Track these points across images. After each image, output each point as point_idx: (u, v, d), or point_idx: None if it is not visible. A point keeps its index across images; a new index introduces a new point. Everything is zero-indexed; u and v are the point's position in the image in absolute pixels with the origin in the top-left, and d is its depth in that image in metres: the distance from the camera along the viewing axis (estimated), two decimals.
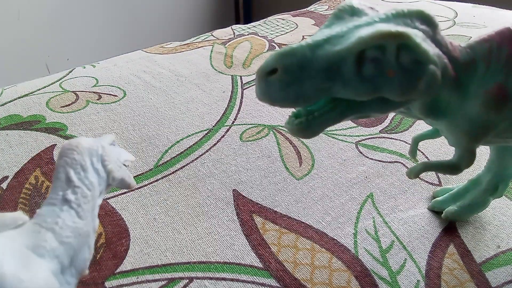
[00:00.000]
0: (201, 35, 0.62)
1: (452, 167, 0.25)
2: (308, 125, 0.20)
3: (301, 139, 0.21)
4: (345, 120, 0.21)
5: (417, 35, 0.20)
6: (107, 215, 0.32)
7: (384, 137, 0.41)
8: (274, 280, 0.28)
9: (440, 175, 0.37)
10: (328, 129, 0.42)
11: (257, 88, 0.20)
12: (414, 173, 0.26)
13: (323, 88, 0.19)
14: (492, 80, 0.22)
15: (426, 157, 0.39)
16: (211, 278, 0.28)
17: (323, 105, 0.21)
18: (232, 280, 0.28)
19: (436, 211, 0.33)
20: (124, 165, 0.22)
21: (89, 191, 0.20)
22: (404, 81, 0.19)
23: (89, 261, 0.19)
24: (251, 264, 0.29)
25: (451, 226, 0.32)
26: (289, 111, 0.45)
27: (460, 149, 0.24)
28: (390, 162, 0.38)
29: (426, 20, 0.21)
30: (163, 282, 0.28)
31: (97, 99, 0.46)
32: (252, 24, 0.66)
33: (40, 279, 0.16)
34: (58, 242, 0.18)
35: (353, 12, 0.21)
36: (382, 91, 0.19)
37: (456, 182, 0.36)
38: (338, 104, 0.20)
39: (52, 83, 0.49)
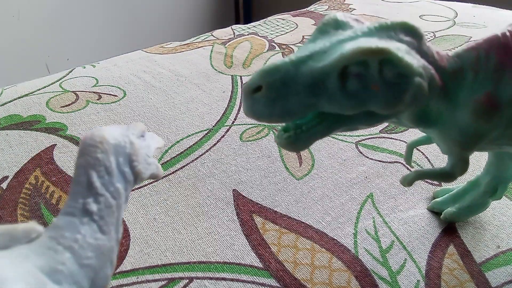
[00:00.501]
0: (201, 35, 0.62)
1: (445, 176, 0.25)
2: (296, 139, 0.20)
3: (291, 151, 0.21)
4: (333, 133, 0.21)
5: (400, 48, 0.20)
6: None
7: (384, 137, 0.41)
8: (274, 280, 0.28)
9: None
10: None
11: (243, 105, 0.20)
12: (407, 181, 0.26)
13: (309, 104, 0.19)
14: (481, 88, 0.22)
15: (426, 157, 0.39)
16: (211, 278, 0.28)
17: (311, 119, 0.21)
18: (232, 280, 0.28)
19: (436, 212, 0.33)
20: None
21: (114, 200, 0.17)
22: (389, 95, 0.19)
23: (111, 276, 0.17)
24: (251, 264, 0.29)
25: (451, 226, 0.32)
26: None
27: (452, 157, 0.24)
28: (390, 162, 0.38)
29: (410, 32, 0.21)
30: (163, 282, 0.28)
31: (97, 99, 0.46)
32: (252, 24, 0.66)
33: None
34: (78, 265, 0.15)
35: (338, 25, 0.21)
36: (367, 105, 0.19)
37: (456, 182, 0.36)
38: (325, 118, 0.20)
39: (52, 83, 0.49)
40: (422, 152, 0.39)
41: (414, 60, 0.20)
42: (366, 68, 0.19)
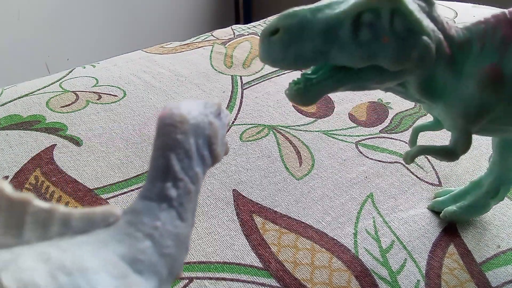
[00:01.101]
0: (201, 35, 0.62)
1: (448, 152, 0.25)
2: (306, 91, 0.21)
3: (300, 104, 0.22)
4: (342, 90, 0.22)
5: (411, 3, 0.21)
6: None
7: (384, 137, 0.41)
8: (274, 280, 0.28)
9: (440, 175, 0.37)
10: (328, 129, 0.42)
11: (259, 49, 0.21)
12: (410, 156, 0.26)
13: (321, 51, 0.20)
14: (486, 60, 0.22)
15: (426, 157, 0.39)
16: (211, 278, 0.28)
17: (321, 74, 0.21)
18: (232, 280, 0.28)
19: (436, 211, 0.33)
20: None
21: (193, 186, 0.16)
22: (398, 49, 0.20)
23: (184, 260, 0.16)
24: (251, 264, 0.29)
25: (451, 226, 0.32)
26: (289, 111, 0.45)
27: (456, 132, 0.24)
28: (390, 162, 0.38)
29: None
30: None
31: (97, 99, 0.46)
32: (252, 24, 0.66)
33: None
34: (158, 254, 0.15)
35: None
36: (376, 57, 0.20)
37: (456, 182, 0.36)
38: (335, 73, 0.21)
39: (52, 83, 0.49)
40: None
41: (423, 19, 0.21)
42: (378, 18, 0.20)
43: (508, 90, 0.22)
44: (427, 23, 0.21)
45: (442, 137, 0.40)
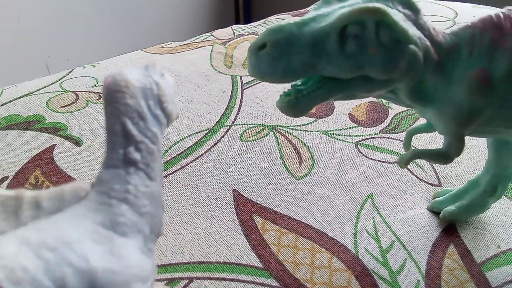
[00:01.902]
0: (201, 35, 0.62)
1: (441, 155, 0.25)
2: (296, 102, 0.21)
3: (292, 116, 0.22)
4: (332, 100, 0.22)
5: (396, 14, 0.21)
6: None
7: (384, 137, 0.41)
8: (274, 280, 0.28)
9: (440, 175, 0.37)
10: (328, 129, 0.42)
11: (248, 64, 0.21)
12: (404, 161, 0.26)
13: (310, 64, 0.20)
14: (475, 64, 0.22)
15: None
16: (211, 278, 0.28)
17: (311, 85, 0.22)
18: (232, 280, 0.28)
19: (435, 212, 0.33)
20: None
21: (154, 145, 0.16)
22: (385, 59, 0.20)
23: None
24: (251, 264, 0.29)
25: (451, 226, 0.32)
26: None
27: (448, 136, 0.24)
28: (390, 162, 0.38)
29: (407, 5, 0.22)
30: (163, 282, 0.28)
31: (97, 99, 0.46)
32: (252, 24, 0.66)
33: (133, 265, 0.14)
34: (138, 214, 0.15)
35: None
36: (364, 68, 0.20)
37: (456, 182, 0.36)
38: (325, 84, 0.21)
39: (52, 83, 0.49)
40: None
41: (409, 28, 0.21)
42: (364, 29, 0.20)
43: (497, 93, 0.23)
44: (413, 31, 0.21)
45: (442, 138, 0.40)
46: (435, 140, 0.40)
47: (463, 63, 0.23)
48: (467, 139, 0.25)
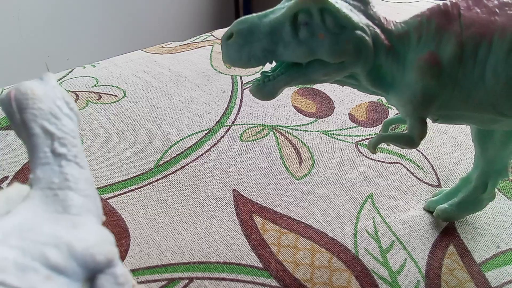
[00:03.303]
0: (201, 35, 0.62)
1: (406, 139, 0.26)
2: (263, 86, 0.24)
3: (260, 99, 0.25)
4: (294, 84, 0.25)
5: (338, 2, 0.23)
6: (107, 215, 0.32)
7: None
8: (274, 280, 0.28)
9: (440, 176, 0.37)
10: (328, 129, 0.42)
11: (222, 52, 0.24)
12: (372, 145, 0.27)
13: (269, 50, 0.23)
14: (425, 49, 0.24)
15: (426, 157, 0.39)
16: (211, 278, 0.28)
17: (277, 71, 0.24)
18: (232, 280, 0.28)
19: (432, 211, 0.33)
20: None
21: (75, 139, 0.17)
22: (333, 43, 0.22)
23: None
24: (251, 264, 0.29)
25: (451, 227, 0.32)
26: (289, 111, 0.45)
27: (409, 119, 0.25)
28: (390, 162, 0.38)
29: None
30: (163, 283, 0.28)
31: (97, 99, 0.46)
32: None
33: (97, 232, 0.15)
34: (83, 197, 0.16)
35: None
36: (316, 52, 0.23)
37: (455, 182, 0.36)
38: (288, 69, 0.24)
39: None
40: (422, 153, 0.39)
41: (354, 15, 0.23)
42: (311, 17, 0.23)
43: (447, 74, 0.24)
44: (359, 19, 0.23)
45: (442, 138, 0.40)
46: (435, 140, 0.40)
47: (414, 48, 0.24)
48: (467, 139, 0.25)
